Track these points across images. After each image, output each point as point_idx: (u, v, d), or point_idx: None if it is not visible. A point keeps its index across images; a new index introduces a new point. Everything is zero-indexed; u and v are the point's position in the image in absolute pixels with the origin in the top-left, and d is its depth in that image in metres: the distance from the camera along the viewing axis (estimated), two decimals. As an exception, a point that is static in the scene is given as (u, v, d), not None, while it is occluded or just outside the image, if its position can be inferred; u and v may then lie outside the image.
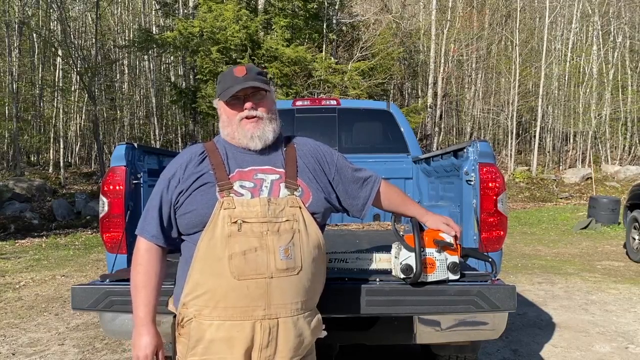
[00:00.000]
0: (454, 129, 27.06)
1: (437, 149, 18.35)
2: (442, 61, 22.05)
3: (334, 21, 19.31)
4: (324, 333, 1.77)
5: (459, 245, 1.96)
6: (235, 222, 1.58)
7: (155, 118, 23.82)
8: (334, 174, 1.88)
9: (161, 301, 1.73)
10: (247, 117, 1.73)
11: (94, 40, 19.46)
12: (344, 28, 20.30)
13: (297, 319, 1.63)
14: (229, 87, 1.73)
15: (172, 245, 1.74)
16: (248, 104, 1.73)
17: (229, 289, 1.57)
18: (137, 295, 1.67)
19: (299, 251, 1.63)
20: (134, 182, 2.66)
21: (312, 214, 1.70)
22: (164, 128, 25.33)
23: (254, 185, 1.68)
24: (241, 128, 1.74)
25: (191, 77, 18.79)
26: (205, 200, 1.63)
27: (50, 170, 19.84)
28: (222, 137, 1.82)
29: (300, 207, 1.67)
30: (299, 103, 4.93)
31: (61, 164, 18.94)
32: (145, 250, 1.70)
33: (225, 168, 1.71)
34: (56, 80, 21.59)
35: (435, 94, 22.03)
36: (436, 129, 22.37)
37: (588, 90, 23.17)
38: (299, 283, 1.63)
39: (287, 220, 1.63)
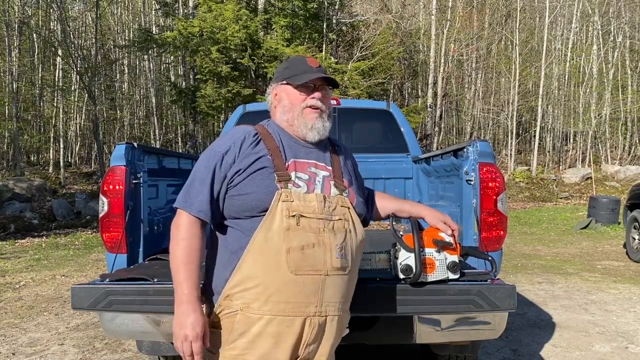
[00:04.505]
0: (454, 129, 27.06)
1: (437, 148, 18.36)
2: (442, 61, 22.05)
3: (334, 21, 19.30)
4: (347, 331, 1.79)
5: (458, 245, 1.96)
6: (294, 215, 1.56)
7: (155, 118, 23.82)
8: (358, 179, 1.93)
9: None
10: (311, 107, 1.71)
11: (94, 40, 19.45)
12: (344, 28, 20.29)
13: (339, 317, 1.65)
14: (303, 73, 1.71)
15: (215, 223, 1.67)
16: (318, 94, 1.72)
17: (284, 283, 1.54)
18: (179, 272, 1.56)
19: (350, 251, 1.65)
20: (134, 181, 2.66)
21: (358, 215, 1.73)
22: (164, 128, 25.32)
23: (308, 177, 1.66)
24: (303, 117, 1.71)
25: (191, 77, 18.80)
26: (265, 185, 1.59)
27: (50, 170, 19.84)
28: (275, 122, 1.77)
29: (349, 208, 1.69)
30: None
31: (61, 163, 18.94)
32: (189, 225, 1.60)
33: (282, 155, 1.66)
34: (56, 80, 21.59)
35: (435, 94, 22.03)
36: (436, 128, 22.37)
37: (588, 90, 23.17)
38: (347, 282, 1.65)
39: (339, 219, 1.64)
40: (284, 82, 1.75)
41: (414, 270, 1.88)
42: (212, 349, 1.61)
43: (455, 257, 1.94)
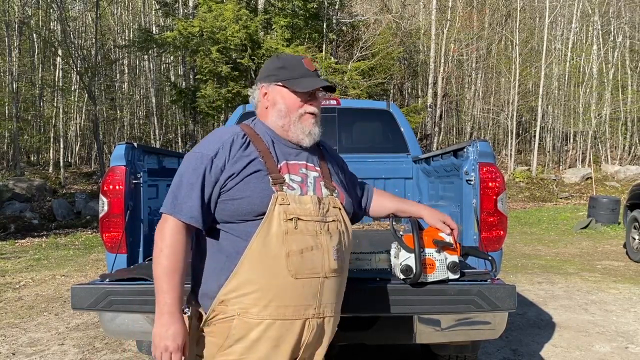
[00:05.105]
0: (454, 129, 27.05)
1: (437, 148, 18.35)
2: (442, 61, 22.04)
3: (334, 21, 19.30)
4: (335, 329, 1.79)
5: (458, 245, 1.96)
6: (291, 219, 1.54)
7: (155, 118, 23.83)
8: (347, 179, 1.91)
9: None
10: (309, 113, 1.68)
11: (94, 40, 19.45)
12: (344, 28, 20.30)
13: (334, 318, 1.66)
14: (302, 77, 1.66)
15: (206, 228, 1.62)
16: (316, 102, 1.70)
17: (284, 288, 1.52)
18: (163, 280, 1.51)
19: (344, 252, 1.65)
20: (134, 181, 2.66)
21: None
22: (164, 128, 25.33)
23: (301, 179, 1.64)
24: (301, 123, 1.67)
25: (191, 77, 18.80)
26: (261, 189, 1.55)
27: (50, 170, 19.84)
28: (265, 124, 1.70)
29: (340, 209, 1.68)
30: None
31: (61, 163, 18.94)
32: (176, 231, 1.54)
33: (273, 158, 1.62)
34: (56, 80, 21.59)
35: (435, 94, 22.03)
36: (436, 128, 22.37)
37: (588, 90, 23.17)
38: (341, 283, 1.66)
39: (333, 221, 1.63)
40: (280, 83, 1.68)
41: (414, 270, 1.88)
42: (200, 354, 1.59)
43: (455, 257, 1.94)
